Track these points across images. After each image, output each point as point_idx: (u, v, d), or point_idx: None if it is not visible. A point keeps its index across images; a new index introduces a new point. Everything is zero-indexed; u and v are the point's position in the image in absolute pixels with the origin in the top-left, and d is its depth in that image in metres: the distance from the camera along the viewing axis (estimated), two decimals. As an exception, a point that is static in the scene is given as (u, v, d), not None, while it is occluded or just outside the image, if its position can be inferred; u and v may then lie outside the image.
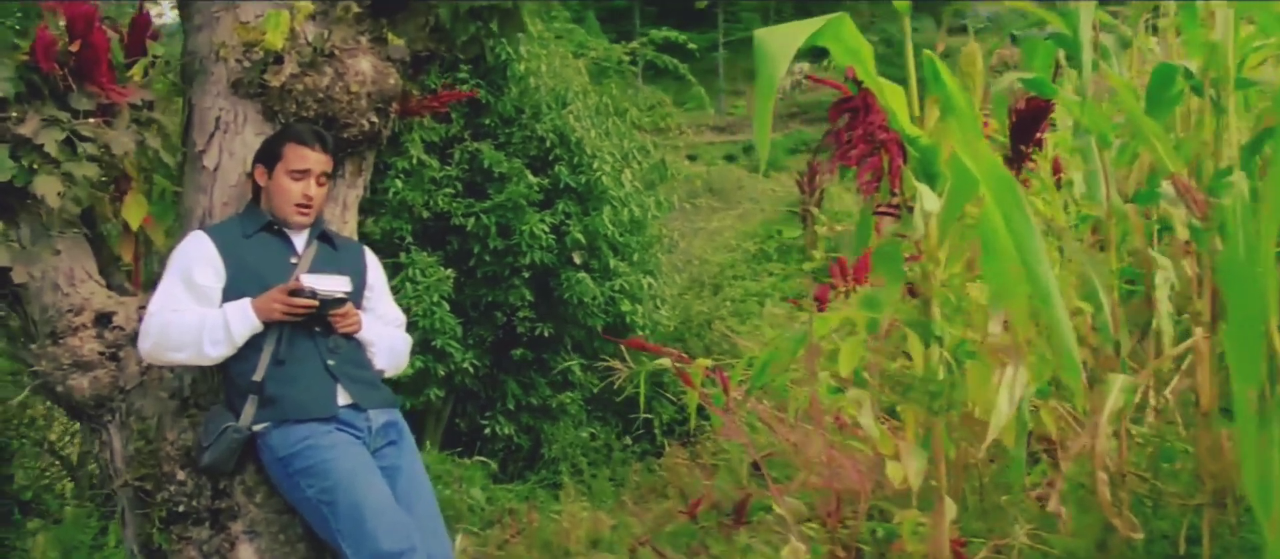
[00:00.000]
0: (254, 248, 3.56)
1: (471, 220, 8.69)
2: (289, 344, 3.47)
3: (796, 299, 11.85)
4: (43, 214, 3.61)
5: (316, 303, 3.43)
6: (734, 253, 13.45)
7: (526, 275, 8.91)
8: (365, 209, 9.02)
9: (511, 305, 8.98)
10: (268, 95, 3.71)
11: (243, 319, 3.43)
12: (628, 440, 9.72)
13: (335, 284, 3.48)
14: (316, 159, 3.57)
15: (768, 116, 2.50)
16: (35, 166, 3.55)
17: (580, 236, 8.93)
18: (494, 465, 8.76)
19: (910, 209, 2.89)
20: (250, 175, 3.66)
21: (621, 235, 9.36)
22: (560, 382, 9.58)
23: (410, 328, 8.24)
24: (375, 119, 3.79)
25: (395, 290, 8.23)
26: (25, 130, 3.53)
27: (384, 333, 3.71)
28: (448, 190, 8.72)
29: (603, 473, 9.54)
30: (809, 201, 5.22)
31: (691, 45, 10.64)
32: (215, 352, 3.44)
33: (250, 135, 3.75)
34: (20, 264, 3.61)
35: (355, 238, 3.98)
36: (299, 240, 3.63)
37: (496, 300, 9.01)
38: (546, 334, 9.18)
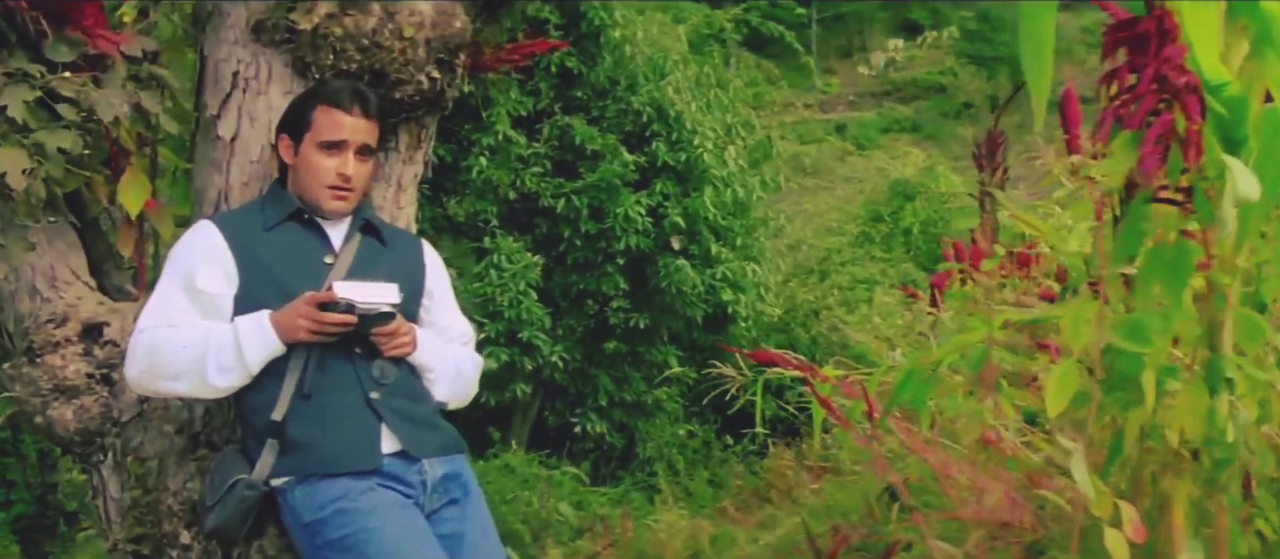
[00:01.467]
0: (277, 243, 2.66)
1: (562, 202, 8.09)
2: (319, 372, 2.57)
3: (908, 286, 10.95)
4: (15, 198, 2.73)
5: (354, 319, 2.53)
6: (842, 237, 12.45)
7: (620, 262, 8.28)
8: (449, 189, 8.48)
9: (604, 294, 8.37)
10: (297, 42, 2.80)
11: (259, 339, 2.54)
12: (728, 439, 8.89)
13: (380, 293, 2.57)
14: (356, 125, 2.66)
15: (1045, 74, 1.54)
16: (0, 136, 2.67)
17: (679, 220, 8.27)
18: (585, 475, 7.96)
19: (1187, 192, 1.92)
20: (274, 148, 2.76)
21: (724, 218, 8.65)
22: (656, 376, 8.92)
23: (495, 317, 7.66)
24: (436, 74, 2.86)
25: (478, 279, 7.65)
26: (-19, 89, 2.65)
27: (446, 354, 2.80)
28: (536, 169, 8.10)
29: (701, 474, 8.84)
30: (988, 182, 4.21)
31: (800, 10, 9.68)
32: (223, 381, 2.55)
33: (276, 95, 2.84)
34: (-20, 263, 2.74)
35: (412, 228, 3.07)
36: (336, 233, 2.73)
37: (588, 289, 8.41)
38: (641, 325, 8.53)
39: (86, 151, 2.77)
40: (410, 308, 2.73)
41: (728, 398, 6.27)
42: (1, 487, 5.85)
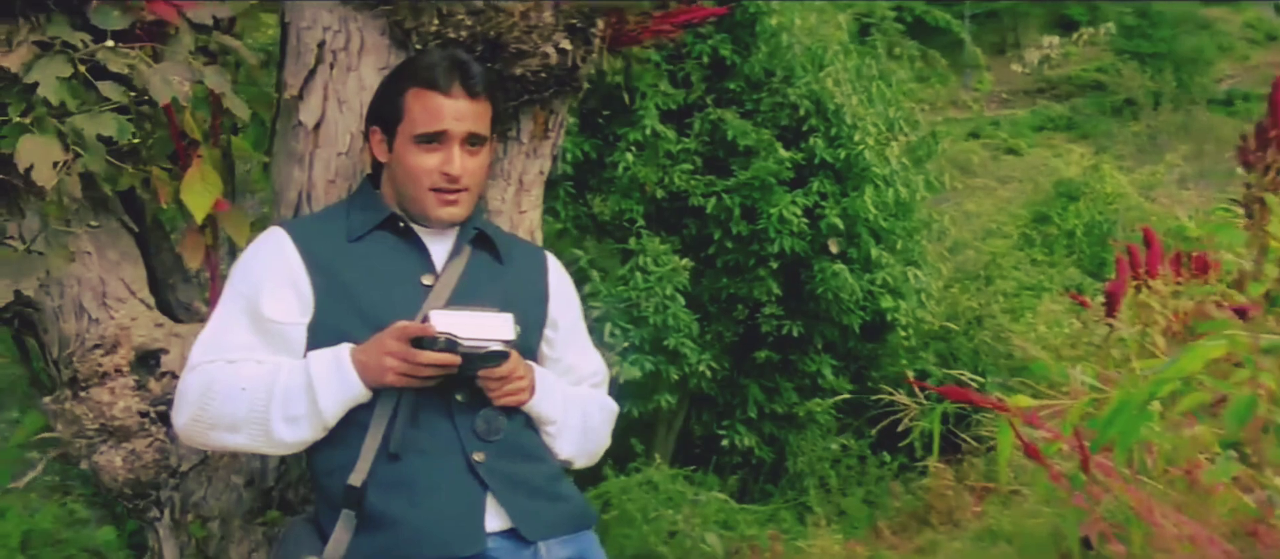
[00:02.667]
0: (363, 259, 2.06)
1: (712, 201, 7.42)
2: (411, 426, 1.98)
3: (1076, 292, 10.10)
4: (47, 197, 2.17)
5: (457, 359, 1.90)
6: (1006, 240, 11.54)
7: (774, 265, 7.57)
8: (593, 187, 7.93)
9: (755, 300, 7.68)
10: (396, 5, 2.20)
11: (337, 381, 1.94)
12: (884, 456, 8.21)
13: (491, 325, 1.95)
14: (459, 109, 2.05)
15: None
16: (31, 121, 2.11)
17: (837, 221, 7.53)
18: (731, 492, 7.35)
19: None
20: (365, 139, 2.15)
21: (885, 220, 7.88)
22: (809, 387, 8.21)
23: (639, 323, 7.04)
24: (567, 44, 2.23)
25: (623, 282, 7.09)
26: (10, 62, 2.09)
27: (572, 401, 2.16)
28: (685, 166, 7.44)
29: (855, 493, 8.19)
30: (1259, 186, 3.42)
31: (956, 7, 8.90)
32: (291, 434, 1.95)
33: (370, 71, 2.25)
34: (14, 278, 2.17)
35: (537, 237, 2.44)
36: (439, 246, 2.12)
37: (738, 294, 7.73)
38: (795, 333, 7.81)
39: (137, 140, 2.18)
40: (529, 341, 2.10)
41: (899, 429, 5.61)
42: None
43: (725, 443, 7.86)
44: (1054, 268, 11.48)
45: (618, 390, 6.91)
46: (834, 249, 7.66)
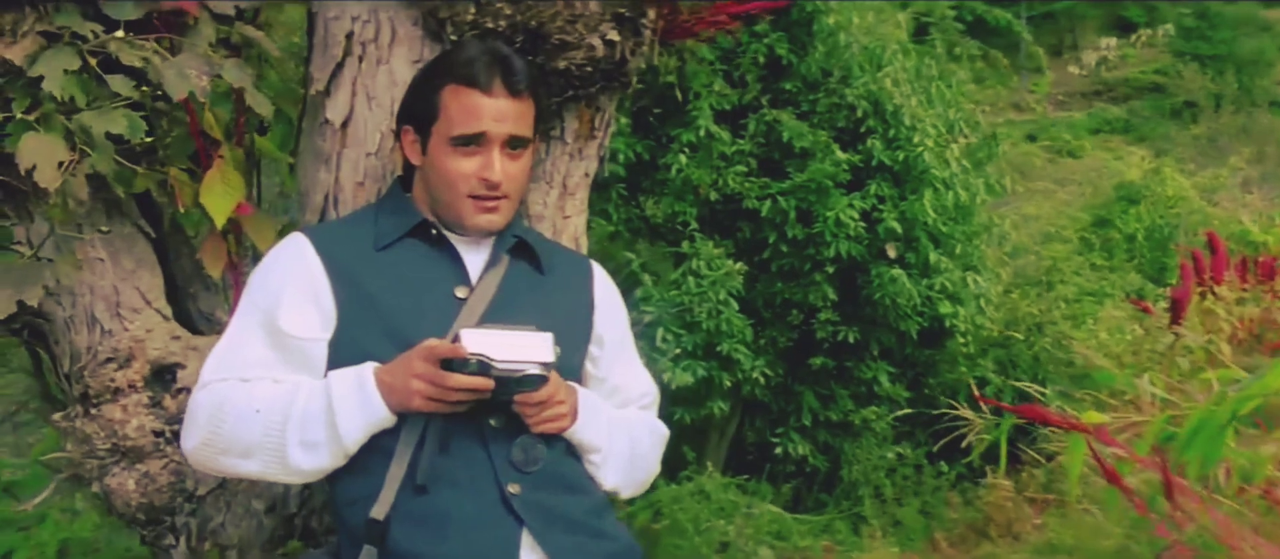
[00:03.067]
0: (391, 269, 1.87)
1: (767, 204, 7.20)
2: (440, 454, 1.78)
3: (1138, 298, 9.81)
4: (51, 200, 1.99)
5: (490, 383, 1.70)
6: (1067, 244, 11.23)
7: (830, 270, 7.34)
8: (646, 189, 7.76)
9: (811, 305, 7.45)
10: (429, -7, 2.00)
11: (359, 404, 1.75)
12: (942, 465, 7.97)
13: (528, 345, 1.75)
14: (500, 109, 1.85)
15: None
16: (36, 118, 1.94)
17: (895, 225, 7.28)
18: (784, 501, 7.14)
19: None
20: (397, 138, 1.96)
21: (944, 224, 7.60)
22: (864, 394, 7.96)
23: (692, 329, 6.83)
24: (614, 35, 2.03)
25: (675, 286, 6.88)
26: (13, 54, 1.91)
27: (618, 425, 1.96)
28: (740, 168, 7.23)
29: (911, 503, 7.94)
30: None
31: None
32: (309, 461, 1.77)
33: (401, 65, 2.05)
34: (17, 287, 1.99)
35: (581, 245, 2.23)
36: (474, 255, 1.92)
37: (793, 299, 7.50)
38: (851, 340, 7.57)
39: (150, 139, 2.00)
40: (572, 359, 1.89)
41: (964, 445, 5.40)
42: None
43: (779, 451, 7.66)
44: (1114, 273, 11.18)
45: (669, 397, 6.77)
46: (892, 253, 7.45)
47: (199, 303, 2.29)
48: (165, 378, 2.13)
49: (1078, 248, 11.88)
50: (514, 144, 1.88)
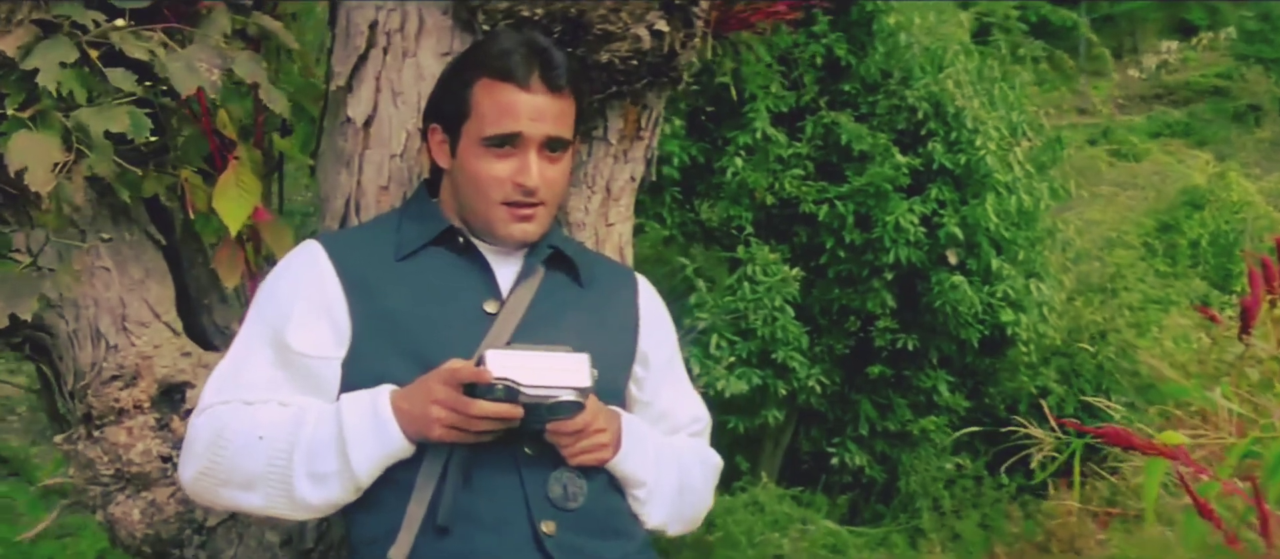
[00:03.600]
0: (413, 281, 1.67)
1: (824, 208, 7.05)
2: (464, 489, 1.58)
3: (1203, 306, 9.45)
4: (44, 206, 1.81)
5: (518, 411, 1.50)
6: (1131, 250, 10.90)
7: (888, 276, 7.19)
8: (700, 192, 7.59)
9: (868, 312, 7.31)
10: (459, -20, 1.80)
11: (373, 432, 1.55)
12: (1002, 478, 7.75)
13: (562, 368, 1.55)
14: (539, 107, 1.65)
15: None
16: (31, 115, 1.75)
17: (957, 230, 7.09)
18: (840, 513, 6.95)
19: None
20: (423, 138, 1.76)
21: (1007, 229, 7.38)
22: (923, 404, 7.77)
23: (747, 336, 6.65)
24: (663, 25, 1.81)
25: (730, 292, 6.76)
26: (5, 45, 1.73)
27: (666, 455, 1.75)
28: (797, 171, 7.07)
29: (970, 516, 7.71)
30: None
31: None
32: (317, 495, 1.57)
33: (429, 58, 1.85)
34: (10, 299, 1.81)
35: (626, 256, 2.02)
36: (506, 266, 1.72)
37: (851, 305, 7.36)
38: (909, 348, 7.39)
39: (155, 139, 1.81)
40: (614, 381, 1.68)
41: (1033, 465, 5.17)
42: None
43: (835, 461, 7.50)
44: (1178, 280, 10.87)
45: (723, 405, 6.58)
46: (952, 260, 7.27)
47: (213, 315, 2.11)
48: (174, 398, 1.94)
49: (1141, 254, 11.57)
50: (553, 146, 1.67)
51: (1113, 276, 9.50)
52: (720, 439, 7.02)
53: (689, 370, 6.44)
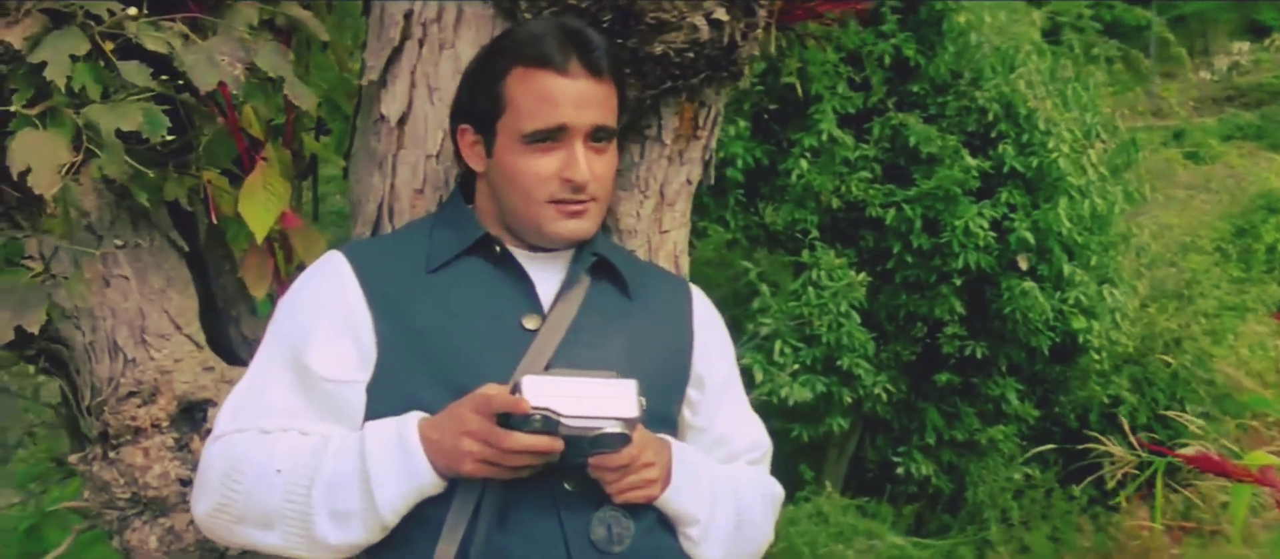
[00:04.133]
0: (447, 296, 1.50)
1: (892, 212, 6.86)
2: (499, 529, 1.41)
3: (1280, 313, 9.15)
4: (65, 211, 1.66)
5: (558, 444, 1.32)
6: (1207, 255, 10.55)
7: (957, 282, 6.96)
8: (765, 195, 7.42)
9: (936, 318, 7.10)
10: (499, -35, 1.63)
11: (400, 467, 1.40)
12: (1073, 490, 7.52)
13: (606, 397, 1.38)
14: (581, 93, 1.48)
15: None
16: (40, 112, 1.61)
17: (1028, 235, 6.85)
18: (908, 547, 6.76)
19: None
20: (454, 141, 1.59)
21: (1080, 234, 7.13)
22: (991, 412, 7.55)
23: (811, 342, 6.46)
24: (722, 15, 1.63)
25: (795, 297, 6.60)
26: (11, 37, 1.59)
27: (722, 489, 1.57)
28: (863, 174, 6.89)
29: (1040, 528, 7.48)
30: None
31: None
32: (339, 535, 1.41)
33: (468, 50, 1.69)
34: (16, 310, 1.67)
35: (681, 266, 1.84)
36: (547, 276, 1.55)
37: (918, 311, 7.17)
38: (978, 355, 7.17)
39: (173, 138, 1.66)
40: (665, 406, 1.50)
41: (1111, 485, 4.96)
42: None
43: (900, 471, 7.33)
44: (1255, 286, 10.51)
45: (787, 413, 6.40)
46: (1023, 265, 7.03)
47: (242, 327, 1.96)
48: (195, 416, 1.79)
49: (1216, 259, 11.23)
50: (599, 136, 1.50)
51: (1188, 283, 9.21)
52: (783, 447, 6.86)
53: (751, 377, 6.24)
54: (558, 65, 1.46)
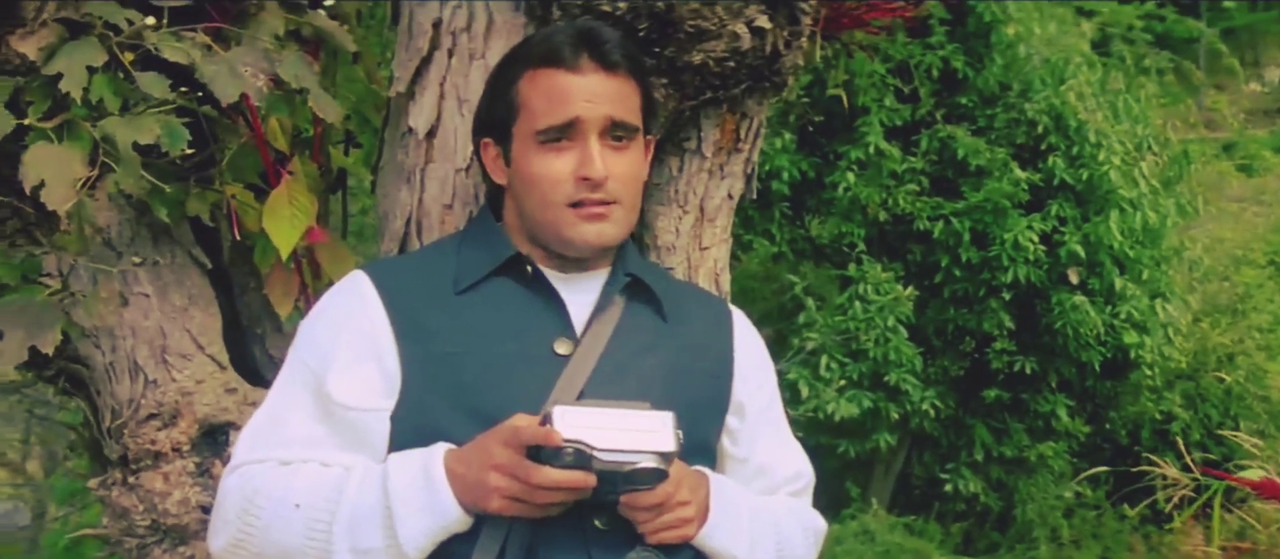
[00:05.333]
0: (475, 318, 1.41)
1: (939, 225, 6.80)
2: None
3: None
4: (79, 228, 1.59)
5: (591, 480, 1.23)
6: (1260, 269, 10.33)
7: (1006, 296, 6.88)
8: (811, 208, 7.32)
9: (985, 333, 7.01)
10: (530, -31, 1.55)
11: (425, 503, 1.31)
12: (1125, 509, 7.37)
13: (640, 429, 1.28)
14: (593, 88, 1.40)
15: None
16: (57, 125, 1.54)
17: (1078, 248, 6.76)
18: (954, 542, 6.66)
19: None
20: (476, 155, 1.50)
21: (1131, 247, 7.01)
22: (1041, 429, 7.42)
23: (857, 357, 6.35)
24: (765, 23, 1.53)
25: (841, 311, 6.55)
26: (27, 48, 1.52)
27: (764, 525, 1.47)
28: (911, 186, 6.83)
29: (1091, 548, 7.39)
30: None
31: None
32: None
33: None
34: (31, 329, 1.59)
35: (721, 285, 1.74)
36: (580, 297, 1.45)
37: (966, 326, 7.09)
38: (1027, 370, 7.07)
39: (194, 152, 1.58)
40: (704, 435, 1.40)
41: (1168, 508, 4.80)
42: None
43: (948, 488, 7.23)
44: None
45: (832, 429, 6.28)
46: (1073, 279, 6.95)
47: (267, 345, 1.87)
48: (217, 440, 1.71)
49: (1270, 273, 11.00)
50: (617, 132, 1.40)
51: (1241, 297, 9.02)
52: (829, 464, 6.70)
53: (797, 393, 6.09)
54: (567, 62, 1.37)
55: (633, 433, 1.25)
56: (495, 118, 1.42)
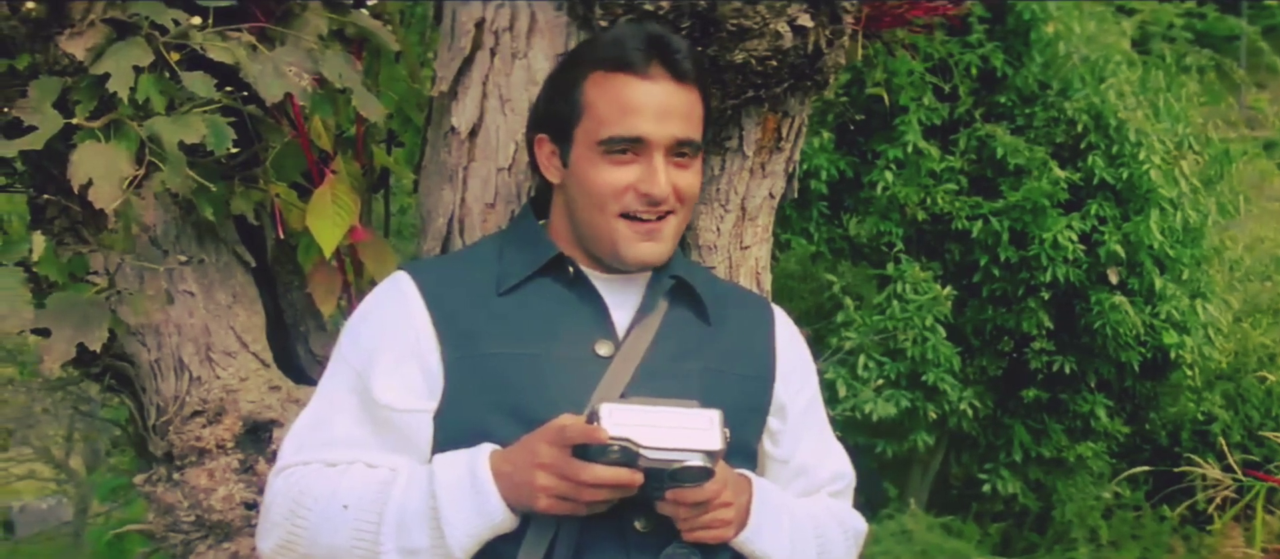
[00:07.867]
0: (517, 319, 1.41)
1: (978, 224, 6.68)
2: None
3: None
4: (126, 227, 1.60)
5: (638, 477, 1.22)
6: (1306, 269, 10.19)
7: (1045, 296, 6.76)
8: (849, 207, 7.26)
9: (1024, 333, 6.88)
10: (574, -31, 1.54)
11: (472, 503, 1.31)
12: (1164, 510, 7.28)
13: (687, 427, 1.27)
14: (664, 100, 1.38)
15: None
16: (104, 124, 1.55)
17: (1118, 248, 6.65)
18: (993, 542, 6.59)
19: None
20: (530, 152, 1.49)
21: (1171, 247, 6.89)
22: (1080, 429, 7.27)
23: (896, 356, 6.28)
24: (807, 22, 1.52)
25: (879, 310, 6.44)
26: (75, 48, 1.52)
27: (805, 527, 1.46)
28: (949, 186, 6.72)
29: (1130, 549, 7.28)
30: None
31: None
32: None
33: (541, 60, 1.60)
34: (79, 327, 1.60)
35: (763, 282, 1.73)
36: (622, 299, 1.45)
37: (1005, 326, 6.95)
38: (1067, 370, 6.94)
39: (239, 151, 1.59)
40: (745, 437, 1.39)
41: (1211, 508, 4.74)
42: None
43: (986, 488, 7.11)
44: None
45: (870, 428, 6.24)
46: (1113, 279, 6.85)
47: (310, 343, 1.88)
48: (261, 437, 1.72)
49: (1309, 271, 10.86)
50: (682, 150, 1.39)
51: (1280, 296, 8.90)
52: (867, 463, 6.66)
53: (835, 392, 6.05)
54: (638, 69, 1.36)
55: (679, 430, 1.25)
56: (555, 115, 1.42)
